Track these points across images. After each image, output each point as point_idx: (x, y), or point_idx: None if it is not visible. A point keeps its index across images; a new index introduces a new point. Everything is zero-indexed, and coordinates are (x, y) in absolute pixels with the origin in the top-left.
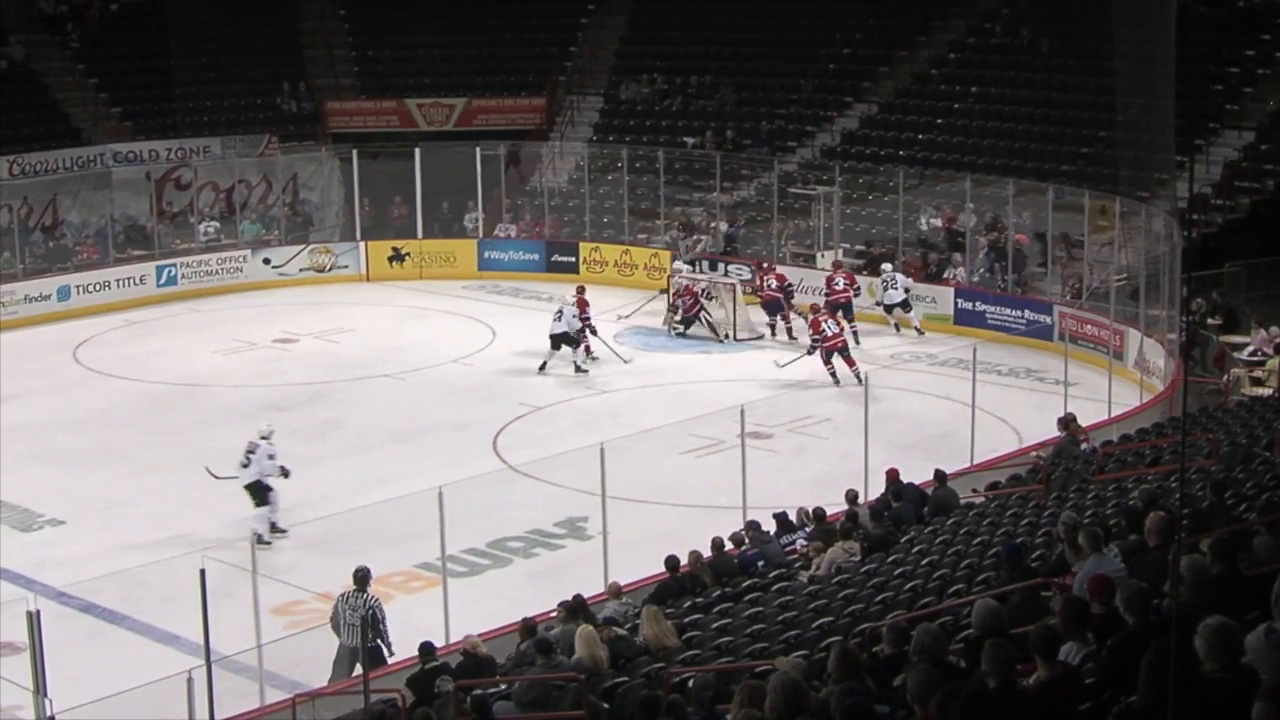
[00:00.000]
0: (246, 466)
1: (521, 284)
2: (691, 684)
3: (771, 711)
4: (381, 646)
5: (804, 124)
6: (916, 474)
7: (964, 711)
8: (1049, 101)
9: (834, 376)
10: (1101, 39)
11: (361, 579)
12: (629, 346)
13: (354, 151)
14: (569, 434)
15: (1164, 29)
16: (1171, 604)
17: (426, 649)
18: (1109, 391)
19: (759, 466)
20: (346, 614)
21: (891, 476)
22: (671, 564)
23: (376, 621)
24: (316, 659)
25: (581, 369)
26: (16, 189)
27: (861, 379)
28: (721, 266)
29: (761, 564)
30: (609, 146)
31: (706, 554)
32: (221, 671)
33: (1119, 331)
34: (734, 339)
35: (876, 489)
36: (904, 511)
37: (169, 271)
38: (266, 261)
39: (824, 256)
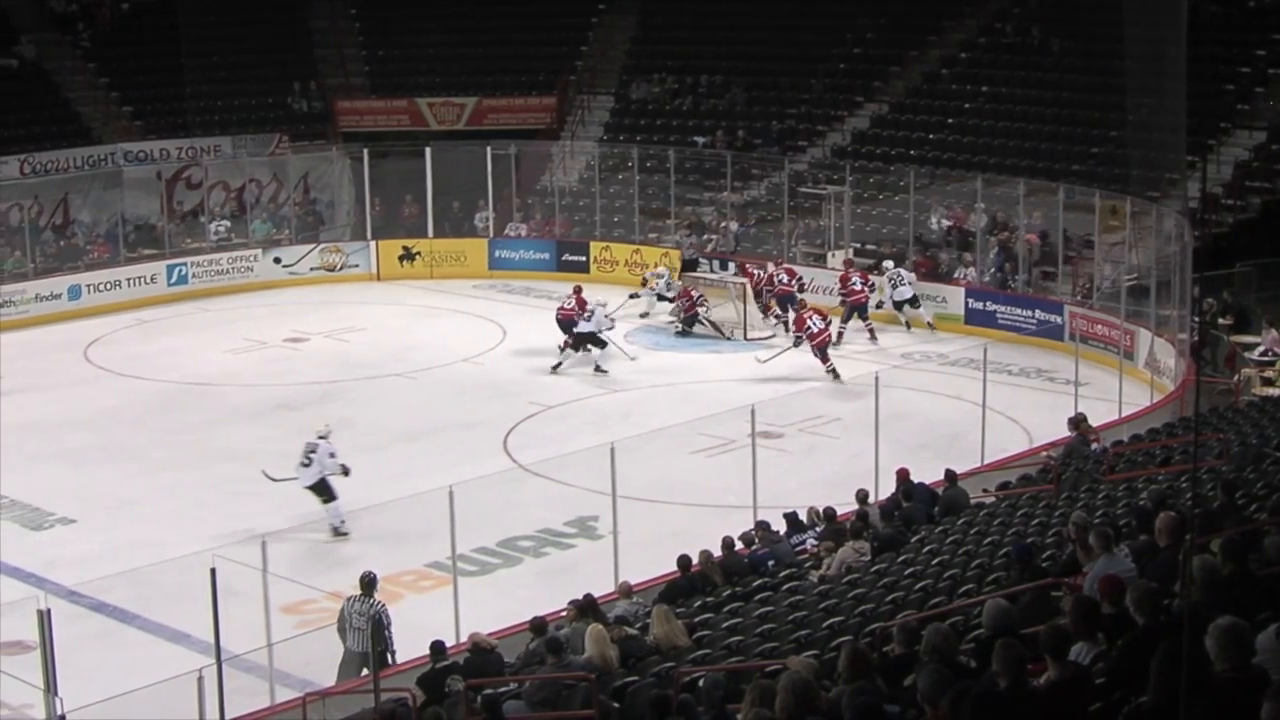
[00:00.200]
0: (307, 466)
1: (532, 283)
2: (702, 683)
3: (782, 711)
4: (385, 652)
5: (814, 123)
6: (927, 474)
7: (974, 711)
8: (1060, 101)
9: (833, 372)
10: (1112, 39)
11: (368, 583)
12: (638, 346)
13: (365, 151)
14: (579, 433)
15: (1175, 29)
16: (1184, 604)
17: (437, 648)
18: (1119, 391)
19: (769, 466)
20: (354, 618)
21: (902, 476)
22: (683, 563)
23: (382, 626)
24: (327, 658)
25: (601, 369)
26: (27, 188)
27: (838, 376)
28: (732, 266)
29: (772, 563)
30: (619, 146)
31: (717, 553)
32: (232, 670)
33: (1130, 331)
34: (744, 338)
35: (887, 489)
36: (914, 511)
37: (179, 271)
38: (277, 261)
39: (834, 256)
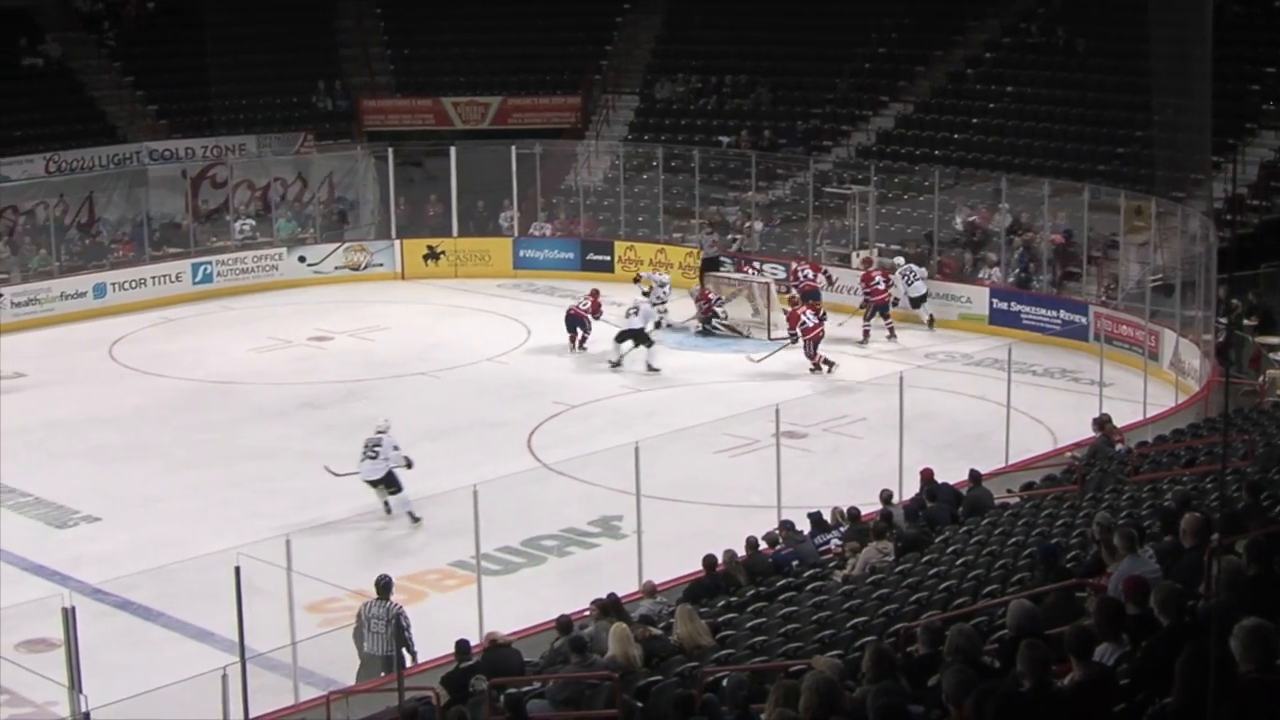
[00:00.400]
0: (374, 459)
1: (556, 282)
2: (725, 683)
3: (806, 711)
4: (405, 653)
5: (839, 123)
6: (951, 474)
7: (999, 712)
8: (1085, 101)
9: (821, 367)
10: (1137, 39)
11: (384, 586)
12: (661, 345)
13: (389, 150)
14: (603, 433)
15: (1200, 29)
16: (1212, 605)
17: (462, 647)
18: (1144, 392)
19: (794, 466)
20: (372, 622)
21: (926, 476)
22: (709, 563)
23: (403, 628)
24: (350, 656)
25: (654, 368)
26: (53, 186)
27: (827, 370)
28: (757, 265)
29: (796, 563)
30: (644, 145)
31: (741, 553)
32: (256, 669)
33: (1154, 332)
34: (768, 338)
35: (911, 489)
36: (939, 511)
37: (204, 269)
38: (302, 259)
39: (857, 255)
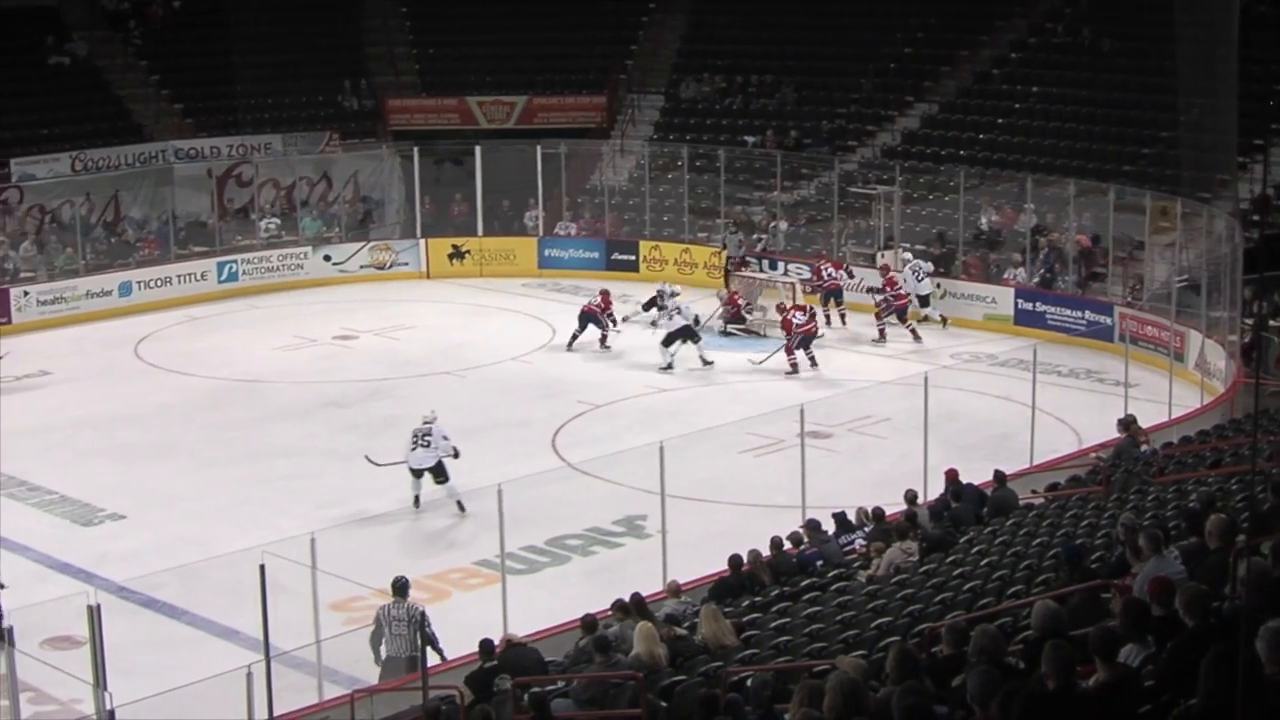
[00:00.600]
0: (426, 448)
1: (581, 282)
2: (750, 683)
3: (830, 711)
4: (433, 653)
5: (865, 123)
6: (976, 474)
7: (1024, 713)
8: (1110, 102)
9: (797, 369)
10: (1163, 39)
11: (401, 587)
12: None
13: (415, 149)
14: (628, 432)
15: (1226, 28)
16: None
17: (486, 647)
18: (1169, 393)
19: (818, 466)
20: (393, 624)
21: (951, 477)
22: (734, 562)
23: (426, 625)
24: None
25: (707, 362)
26: (79, 185)
27: (812, 366)
28: (781, 265)
29: (820, 563)
30: (669, 145)
31: (765, 553)
32: (280, 667)
33: (1180, 333)
34: None
35: (936, 489)
36: (963, 512)
37: (230, 268)
38: (327, 258)
39: (882, 256)
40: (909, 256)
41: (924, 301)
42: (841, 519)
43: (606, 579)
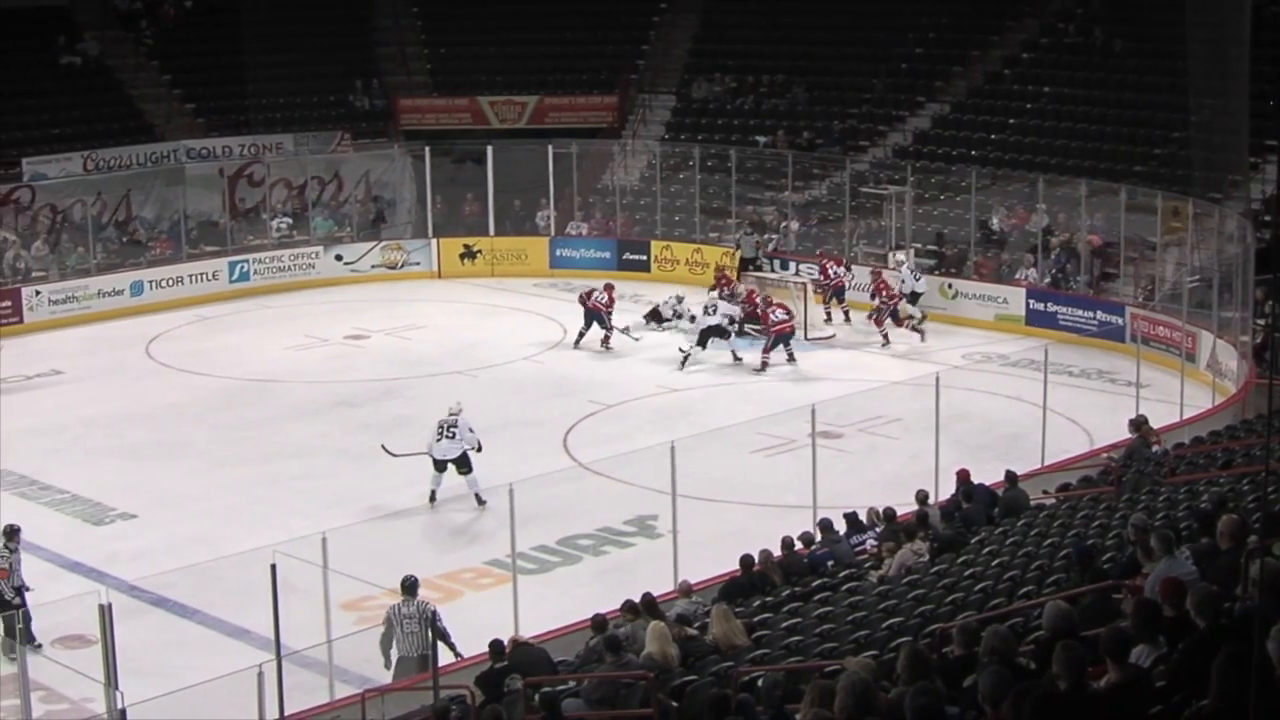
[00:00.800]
0: (452, 440)
1: (593, 282)
2: (761, 683)
3: (841, 711)
4: (444, 648)
5: (876, 123)
6: (987, 475)
7: (1035, 713)
8: (1122, 102)
9: (765, 366)
10: (1175, 39)
11: (410, 586)
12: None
13: (426, 148)
14: (639, 432)
15: (1238, 29)
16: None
17: (496, 648)
18: (1181, 393)
19: (829, 466)
20: (405, 623)
21: (962, 477)
22: (746, 562)
23: (438, 621)
24: None
25: (739, 357)
26: (90, 184)
27: (794, 360)
28: (793, 265)
29: (831, 564)
30: (681, 145)
31: (776, 553)
32: (291, 666)
33: (1191, 333)
34: (805, 338)
35: (947, 489)
36: (974, 512)
37: (241, 267)
38: (339, 258)
39: (894, 256)
40: (902, 258)
41: (913, 299)
42: (853, 519)
43: (618, 579)
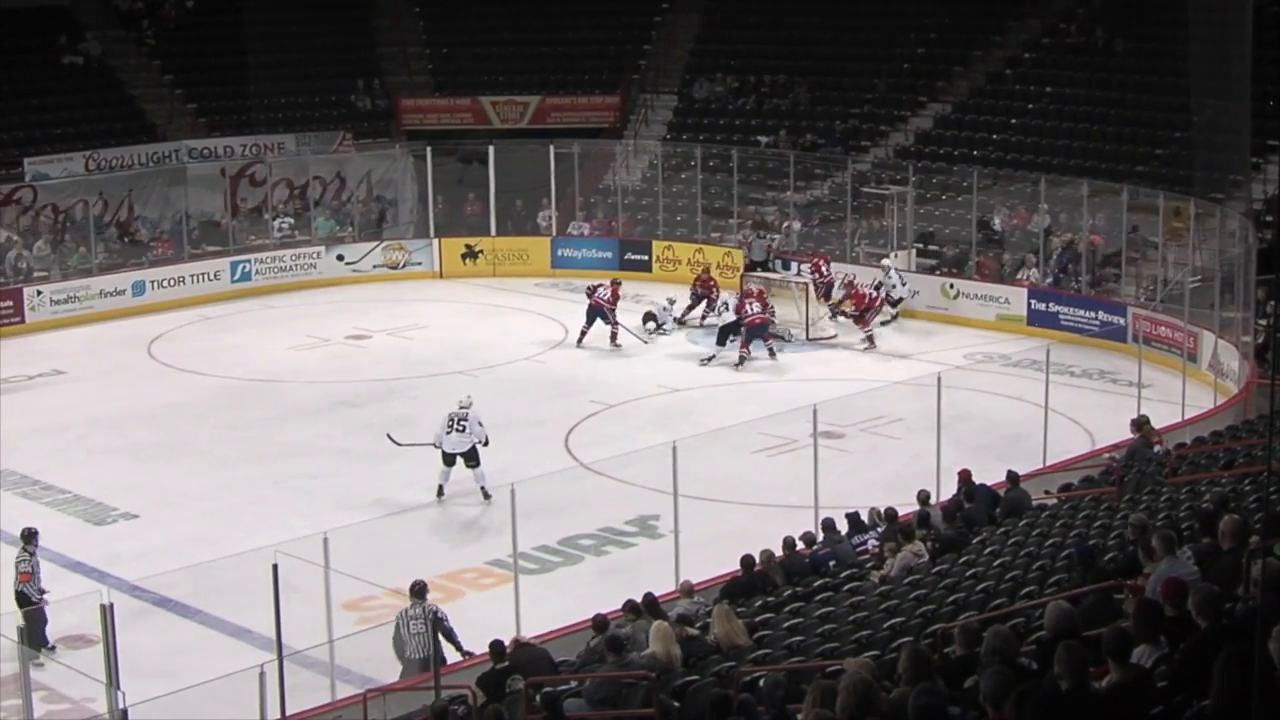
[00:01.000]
0: (462, 433)
1: (595, 282)
2: (762, 683)
3: (843, 712)
4: (450, 647)
5: (878, 123)
6: (989, 475)
7: (1037, 713)
8: (1123, 102)
9: (742, 360)
10: (1177, 39)
11: (419, 590)
12: (703, 345)
13: (428, 148)
14: (641, 432)
15: (1240, 29)
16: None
17: (497, 648)
18: (1182, 393)
19: (831, 466)
20: (412, 623)
21: (964, 477)
22: (747, 563)
23: (444, 621)
24: (387, 655)
25: (756, 355)
26: (92, 184)
27: (771, 357)
28: (795, 266)
29: (833, 564)
30: (682, 145)
31: (778, 553)
32: (293, 666)
33: (1193, 333)
34: (806, 338)
35: (949, 489)
36: (976, 512)
37: (243, 267)
38: (340, 258)
39: (895, 257)
40: (889, 263)
41: (894, 303)
42: (854, 519)
43: (619, 579)
